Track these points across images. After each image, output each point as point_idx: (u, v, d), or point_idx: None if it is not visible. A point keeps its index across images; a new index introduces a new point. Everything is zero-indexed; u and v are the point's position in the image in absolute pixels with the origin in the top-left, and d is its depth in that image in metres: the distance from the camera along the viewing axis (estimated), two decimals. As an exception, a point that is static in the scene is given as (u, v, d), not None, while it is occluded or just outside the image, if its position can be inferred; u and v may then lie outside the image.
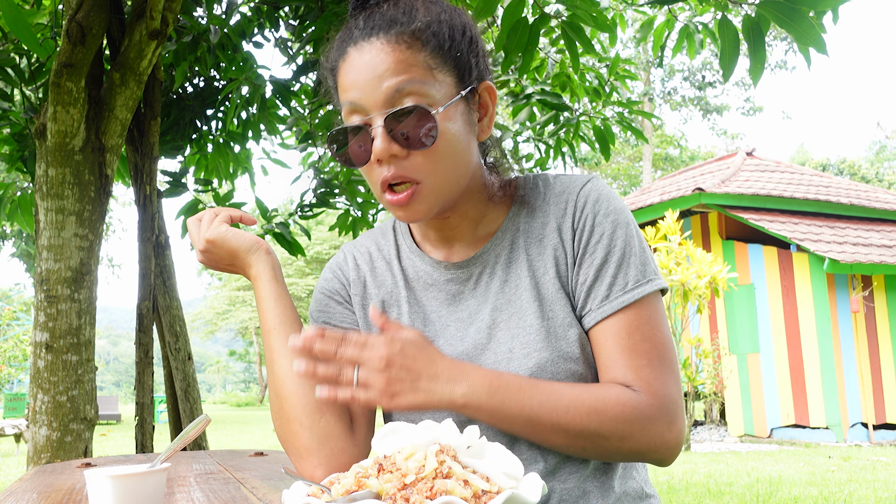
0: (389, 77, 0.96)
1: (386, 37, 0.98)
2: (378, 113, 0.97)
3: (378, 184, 1.01)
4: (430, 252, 1.14)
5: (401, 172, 0.98)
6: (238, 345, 47.96)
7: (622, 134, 4.35)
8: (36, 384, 2.77)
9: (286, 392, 1.05)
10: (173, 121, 4.34)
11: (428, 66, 0.98)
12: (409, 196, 0.99)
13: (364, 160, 1.01)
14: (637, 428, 0.95)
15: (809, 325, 10.23)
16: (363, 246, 1.21)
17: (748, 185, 11.43)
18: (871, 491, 5.65)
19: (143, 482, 0.89)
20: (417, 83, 0.97)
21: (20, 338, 19.54)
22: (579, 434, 0.95)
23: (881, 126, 41.03)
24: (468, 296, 1.09)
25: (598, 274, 1.02)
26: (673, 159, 33.30)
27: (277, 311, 1.08)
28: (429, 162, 0.98)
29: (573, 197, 1.06)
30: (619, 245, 1.02)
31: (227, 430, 16.15)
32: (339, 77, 1.03)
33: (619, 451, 0.97)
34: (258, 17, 4.07)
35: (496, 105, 1.08)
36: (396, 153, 0.97)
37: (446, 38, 1.01)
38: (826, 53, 2.15)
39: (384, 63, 0.97)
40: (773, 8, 2.16)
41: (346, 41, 1.02)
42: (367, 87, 0.97)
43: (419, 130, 0.96)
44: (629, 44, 24.27)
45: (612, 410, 0.95)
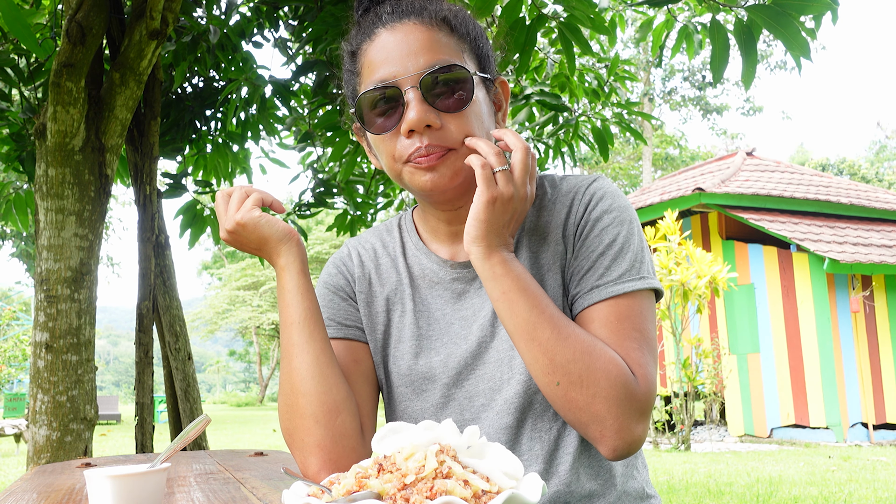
0: (425, 53, 0.99)
1: (419, 18, 1.02)
2: (412, 80, 0.98)
3: (403, 157, 1.01)
4: (437, 250, 1.15)
5: (434, 142, 0.99)
6: (238, 345, 47.97)
7: (622, 134, 4.35)
8: (36, 384, 2.77)
9: (305, 388, 1.02)
10: (173, 121, 4.34)
11: (458, 48, 1.03)
12: (439, 156, 1.00)
13: (390, 129, 1.01)
14: (615, 394, 0.92)
15: (809, 325, 10.23)
16: (368, 242, 1.22)
17: (748, 185, 11.43)
18: (871, 491, 5.65)
19: (143, 482, 0.89)
20: (451, 60, 1.00)
21: (20, 338, 19.53)
22: (562, 366, 0.92)
23: (881, 126, 41.04)
24: (473, 294, 1.10)
25: (593, 264, 1.02)
26: (673, 159, 33.30)
27: (304, 306, 1.05)
28: (462, 129, 1.00)
29: (579, 195, 1.07)
30: (619, 240, 1.03)
31: (227, 430, 16.15)
32: (367, 56, 1.04)
33: (583, 408, 0.93)
34: (257, 18, 4.07)
35: (508, 103, 1.12)
36: (432, 121, 0.98)
37: (471, 28, 1.06)
38: (810, 59, 2.17)
39: (419, 40, 1.00)
40: (763, 13, 2.17)
41: (373, 24, 1.04)
42: (402, 60, 0.99)
43: (455, 92, 0.99)
44: (629, 44, 24.27)
45: (603, 363, 0.93)
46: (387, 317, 1.15)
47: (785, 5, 2.15)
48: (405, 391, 1.11)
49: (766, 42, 25.99)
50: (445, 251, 1.14)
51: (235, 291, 34.92)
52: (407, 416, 1.10)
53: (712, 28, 2.35)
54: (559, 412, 0.97)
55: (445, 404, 1.08)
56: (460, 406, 1.07)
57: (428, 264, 1.14)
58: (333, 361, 1.04)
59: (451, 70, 0.99)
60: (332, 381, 1.03)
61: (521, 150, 0.96)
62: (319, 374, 1.02)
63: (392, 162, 1.03)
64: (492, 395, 1.05)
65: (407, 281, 1.15)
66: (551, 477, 1.04)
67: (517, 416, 1.04)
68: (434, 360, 1.09)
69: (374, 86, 1.00)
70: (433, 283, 1.13)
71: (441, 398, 1.08)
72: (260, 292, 34.23)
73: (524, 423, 1.05)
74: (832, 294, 10.15)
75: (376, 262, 1.19)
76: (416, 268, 1.15)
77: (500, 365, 1.05)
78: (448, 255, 1.14)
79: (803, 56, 2.18)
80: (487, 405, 1.06)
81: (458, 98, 0.99)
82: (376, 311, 1.16)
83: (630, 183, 33.43)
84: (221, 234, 1.08)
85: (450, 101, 0.99)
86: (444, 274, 1.12)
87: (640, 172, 32.30)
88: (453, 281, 1.11)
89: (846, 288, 10.30)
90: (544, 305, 0.95)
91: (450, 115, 0.99)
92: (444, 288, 1.12)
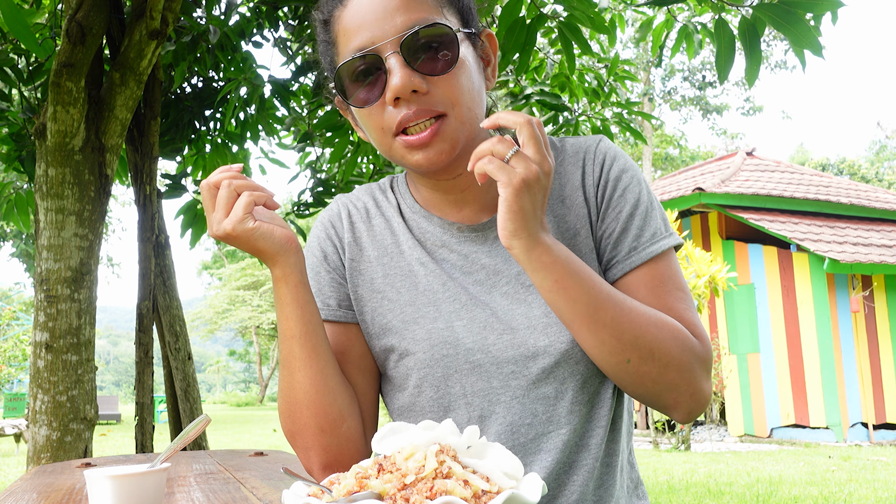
0: (402, 13, 0.92)
1: None
2: (392, 45, 0.91)
3: (392, 128, 0.94)
4: (440, 215, 1.07)
5: (423, 107, 0.92)
6: (238, 345, 47.96)
7: (622, 134, 4.34)
8: (36, 384, 2.77)
9: (308, 401, 0.98)
10: (172, 121, 4.34)
11: (437, 4, 0.95)
12: (432, 133, 0.93)
13: (375, 101, 0.94)
14: (686, 360, 0.93)
15: (809, 325, 10.23)
16: (359, 200, 1.13)
17: (748, 185, 11.44)
18: (871, 491, 5.65)
19: (143, 482, 0.89)
20: (430, 18, 0.93)
21: (20, 338, 19.53)
22: (631, 342, 0.91)
23: (881, 126, 41.03)
24: (485, 259, 1.03)
25: (626, 225, 1.00)
26: (673, 159, 33.30)
27: (305, 319, 0.97)
28: (451, 91, 0.93)
29: (591, 155, 1.04)
30: (643, 199, 1.02)
31: (227, 430, 16.15)
32: (340, 23, 0.97)
33: (656, 379, 0.93)
34: (257, 18, 4.07)
35: (497, 56, 1.05)
36: (418, 86, 0.91)
37: None
38: (822, 56, 2.15)
39: (393, 1, 0.92)
40: (769, 10, 2.17)
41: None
42: (379, 24, 0.92)
43: (440, 53, 0.92)
44: (629, 44, 24.28)
45: (669, 332, 0.93)
46: (385, 282, 1.06)
47: (791, 3, 2.14)
48: (423, 357, 1.02)
49: (766, 42, 25.98)
50: (450, 215, 1.06)
51: (235, 291, 34.92)
52: (427, 385, 1.02)
53: (717, 27, 2.35)
54: (627, 388, 0.95)
55: (471, 370, 1.00)
56: (488, 374, 0.99)
57: (429, 227, 1.06)
58: (337, 371, 1.00)
59: (434, 28, 0.91)
60: (336, 392, 0.99)
61: (524, 123, 0.86)
62: (324, 388, 0.98)
63: (381, 135, 0.96)
64: (525, 362, 0.98)
65: (409, 242, 1.07)
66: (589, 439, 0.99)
67: (556, 385, 0.98)
68: (456, 324, 1.00)
69: (351, 55, 0.94)
70: (437, 246, 1.05)
71: (466, 363, 1.00)
72: (260, 292, 34.23)
73: (564, 394, 0.98)
74: (832, 294, 10.15)
75: (368, 224, 1.10)
76: (417, 230, 1.07)
77: (535, 329, 0.98)
78: (454, 219, 1.06)
79: (814, 53, 2.16)
80: (518, 372, 0.98)
81: (444, 59, 0.92)
82: (372, 277, 1.07)
83: (630, 183, 33.40)
84: (209, 233, 0.96)
85: (435, 64, 0.92)
86: (449, 237, 1.05)
87: (640, 172, 32.27)
88: (461, 243, 1.04)
89: (846, 288, 10.30)
90: (599, 284, 0.91)
91: (436, 78, 0.92)
92: (451, 251, 1.04)
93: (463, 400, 1.00)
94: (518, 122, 0.87)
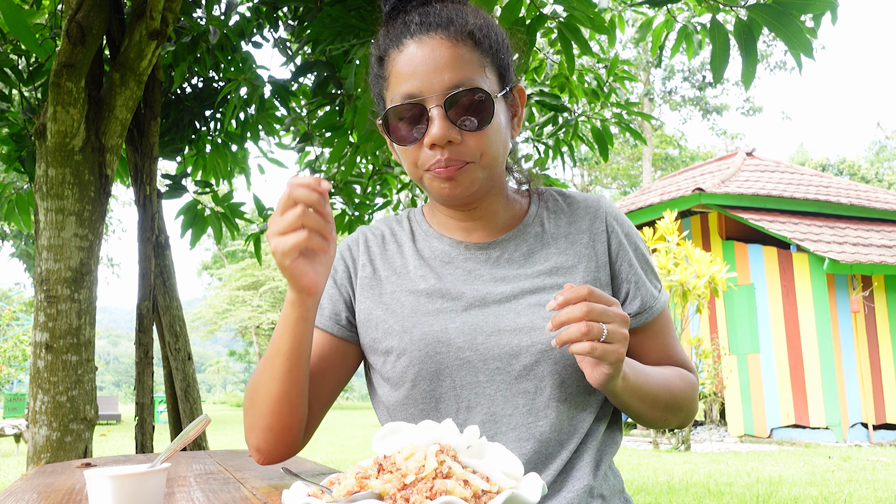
0: (450, 70, 1.05)
1: (445, 33, 1.07)
2: (437, 99, 1.05)
3: (423, 166, 1.08)
4: (450, 237, 1.21)
5: (454, 156, 1.06)
6: (238, 345, 47.94)
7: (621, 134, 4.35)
8: (36, 384, 2.77)
9: (269, 407, 1.09)
10: (172, 121, 4.34)
11: (481, 63, 1.08)
12: (457, 167, 1.07)
13: (414, 142, 1.08)
14: (695, 400, 1.20)
15: (809, 325, 10.23)
16: (378, 229, 1.27)
17: (748, 186, 11.43)
18: (871, 491, 5.65)
19: (143, 482, 0.89)
20: (474, 79, 1.06)
21: (20, 338, 19.53)
22: (671, 408, 1.14)
23: (881, 126, 41.01)
24: (485, 274, 1.15)
25: (640, 279, 1.18)
26: (673, 159, 33.30)
27: (297, 341, 1.05)
28: (481, 145, 1.07)
29: (601, 207, 1.21)
30: (647, 255, 1.22)
31: (227, 430, 16.15)
32: (394, 65, 1.09)
33: (686, 418, 1.19)
34: (257, 18, 4.07)
35: (524, 107, 1.19)
36: (453, 138, 1.05)
37: (494, 41, 1.11)
38: (812, 58, 2.16)
39: (444, 57, 1.05)
40: (764, 12, 2.17)
41: (402, 34, 1.09)
42: (428, 77, 1.05)
43: (476, 113, 1.06)
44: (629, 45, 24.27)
45: (692, 388, 1.18)
46: (392, 297, 1.17)
47: (786, 4, 2.15)
48: (419, 354, 1.11)
49: (766, 42, 25.98)
50: (459, 235, 1.20)
51: (235, 291, 34.91)
52: (421, 378, 1.11)
53: (712, 28, 2.35)
54: (644, 426, 1.16)
55: (461, 366, 1.10)
56: (475, 369, 1.10)
57: (439, 246, 1.20)
58: (303, 391, 1.09)
59: (474, 93, 1.05)
60: (295, 407, 1.09)
61: (618, 319, 0.95)
62: (287, 403, 1.08)
63: (414, 168, 1.10)
64: (508, 359, 1.09)
65: (415, 263, 1.19)
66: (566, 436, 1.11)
67: (535, 381, 1.09)
68: (450, 326, 1.11)
69: (400, 100, 1.07)
70: (444, 262, 1.18)
71: (456, 360, 1.10)
72: (260, 292, 34.23)
73: (543, 390, 1.09)
74: (832, 294, 10.15)
75: (383, 248, 1.23)
76: (427, 251, 1.20)
77: (518, 334, 1.09)
78: (461, 238, 1.20)
79: (805, 55, 2.18)
80: (503, 368, 1.09)
81: (479, 118, 1.06)
82: (381, 292, 1.19)
83: (630, 183, 33.43)
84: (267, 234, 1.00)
85: (471, 121, 1.06)
86: (457, 254, 1.18)
87: (639, 173, 32.31)
88: (466, 260, 1.17)
89: (846, 288, 10.30)
90: (654, 378, 1.11)
91: (469, 133, 1.06)
92: (456, 266, 1.17)
93: (452, 392, 1.10)
94: (613, 316, 0.94)
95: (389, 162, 4.54)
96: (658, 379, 1.12)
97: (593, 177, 33.64)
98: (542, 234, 1.17)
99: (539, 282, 1.12)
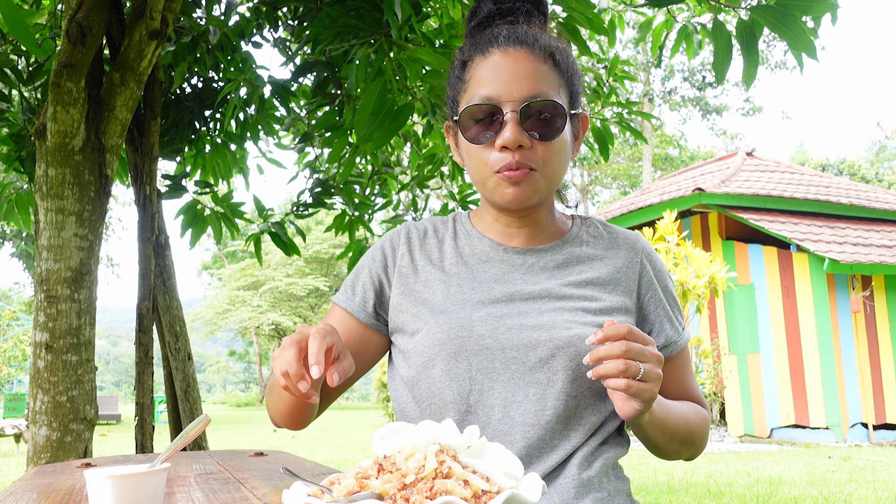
0: (529, 82, 1.12)
1: (530, 49, 1.14)
2: (514, 104, 1.11)
3: (493, 167, 1.13)
4: (492, 238, 1.26)
5: (524, 160, 1.12)
6: (238, 345, 47.95)
7: (621, 134, 4.35)
8: (36, 384, 2.77)
9: (284, 408, 1.20)
10: (172, 121, 4.34)
11: (557, 83, 1.15)
12: (523, 174, 1.12)
13: (486, 141, 1.13)
14: (707, 435, 1.25)
15: (809, 325, 10.23)
16: (422, 225, 1.32)
17: (748, 186, 11.43)
18: (871, 491, 5.65)
19: (143, 482, 0.89)
20: (550, 94, 1.13)
21: (20, 338, 19.52)
22: (686, 442, 1.19)
23: (881, 126, 40.99)
24: (518, 277, 1.20)
25: (669, 315, 1.24)
26: (673, 159, 33.29)
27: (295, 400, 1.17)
28: (547, 155, 1.13)
29: (638, 244, 1.27)
30: (674, 296, 1.28)
31: (227, 430, 16.15)
32: (477, 70, 1.16)
33: (697, 451, 1.24)
34: (257, 18, 4.07)
35: (585, 134, 1.26)
36: (524, 143, 1.11)
37: (570, 65, 1.19)
38: (816, 59, 2.16)
39: (526, 68, 1.13)
40: (766, 13, 2.17)
41: (490, 43, 1.16)
42: (508, 84, 1.12)
43: (548, 124, 1.12)
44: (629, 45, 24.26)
45: (705, 423, 1.24)
46: (425, 286, 1.23)
47: (788, 5, 2.15)
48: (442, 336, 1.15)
49: (766, 42, 25.96)
50: (500, 238, 1.25)
51: (235, 291, 34.90)
52: (440, 358, 1.13)
53: (714, 28, 2.35)
54: (658, 457, 1.22)
55: (479, 351, 1.13)
56: (492, 355, 1.13)
57: (479, 245, 1.25)
58: (315, 405, 1.19)
59: (549, 104, 1.11)
60: (308, 409, 1.19)
61: (654, 359, 0.99)
62: (299, 409, 1.18)
63: (482, 167, 1.15)
64: (525, 350, 1.12)
65: (452, 258, 1.24)
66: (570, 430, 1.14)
67: (549, 374, 1.12)
68: (474, 315, 1.15)
69: (479, 100, 1.13)
70: (482, 260, 1.23)
71: (476, 345, 1.13)
72: (260, 292, 34.21)
73: (555, 383, 1.12)
74: (832, 294, 10.15)
75: (423, 241, 1.28)
76: (467, 248, 1.25)
77: (538, 329, 1.12)
78: (502, 241, 1.24)
79: (808, 55, 2.18)
80: (518, 358, 1.12)
81: (551, 129, 1.12)
82: (415, 281, 1.24)
83: (630, 183, 33.42)
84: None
85: (543, 130, 1.12)
86: (494, 254, 1.23)
87: (639, 173, 32.30)
88: (502, 262, 1.22)
89: (846, 288, 10.30)
90: (676, 413, 1.16)
91: (539, 141, 1.12)
92: (492, 265, 1.22)
93: (468, 374, 1.13)
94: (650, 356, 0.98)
95: (389, 162, 4.54)
96: (678, 413, 1.16)
97: (593, 177, 33.64)
98: (579, 252, 1.23)
99: (568, 291, 1.17)
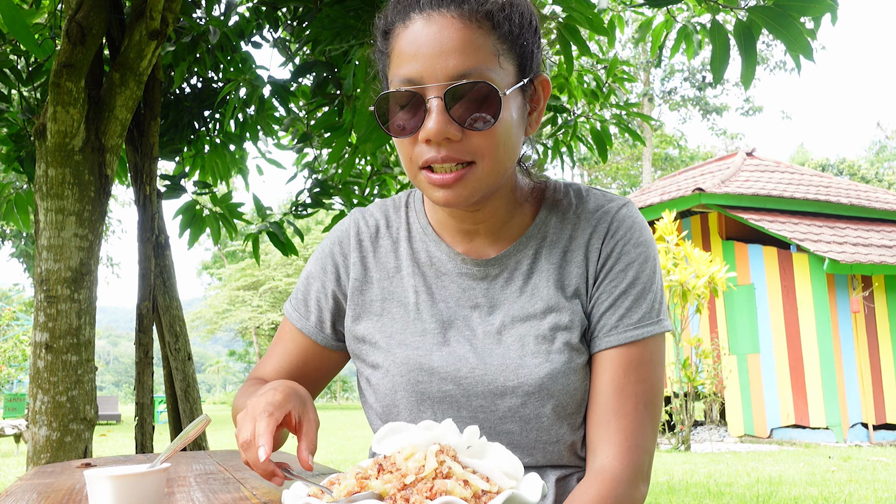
0: (456, 56, 0.91)
1: (458, 11, 0.92)
2: (437, 89, 0.91)
3: (417, 162, 0.95)
4: (449, 242, 1.09)
5: (453, 154, 0.93)
6: (238, 345, 47.92)
7: (620, 135, 4.36)
8: (36, 384, 2.77)
9: None
10: (171, 122, 4.34)
11: (495, 51, 0.93)
12: (456, 177, 0.94)
13: (409, 134, 0.95)
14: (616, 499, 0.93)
15: (809, 325, 10.23)
16: (372, 217, 1.15)
17: (748, 186, 11.43)
18: (871, 491, 5.65)
19: (143, 482, 0.89)
20: (483, 69, 0.91)
21: (20, 338, 19.52)
22: None
23: (881, 126, 41.01)
24: (479, 295, 1.06)
25: (615, 302, 1.01)
26: (672, 159, 33.30)
27: None
28: (484, 145, 0.93)
29: (607, 218, 1.05)
30: (642, 279, 1.02)
31: (227, 430, 16.15)
32: (398, 42, 0.95)
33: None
34: (256, 18, 4.07)
35: (546, 100, 1.04)
36: (451, 135, 0.92)
37: (516, 24, 0.96)
38: (812, 60, 2.17)
39: (453, 40, 0.91)
40: (764, 13, 2.18)
41: (411, 6, 0.94)
42: (431, 61, 0.91)
43: (481, 110, 0.92)
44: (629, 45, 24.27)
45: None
46: (382, 306, 1.09)
47: (786, 6, 2.16)
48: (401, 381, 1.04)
49: (766, 43, 25.96)
50: (458, 244, 1.08)
51: (235, 291, 34.91)
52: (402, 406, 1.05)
53: (712, 29, 2.36)
54: None
55: (443, 399, 1.02)
56: (458, 404, 1.02)
57: (436, 253, 1.09)
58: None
59: (480, 87, 0.91)
60: None
61: None
62: None
63: (409, 164, 0.98)
64: (493, 398, 1.01)
65: (409, 268, 1.09)
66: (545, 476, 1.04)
67: (520, 424, 1.01)
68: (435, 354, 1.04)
69: (397, 87, 0.94)
70: (439, 273, 1.08)
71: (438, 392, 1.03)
72: (260, 292, 34.22)
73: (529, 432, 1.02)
74: (832, 294, 10.15)
75: (375, 244, 1.13)
76: (423, 254, 1.10)
77: (507, 371, 1.00)
78: (461, 250, 1.08)
79: (805, 56, 2.19)
80: (487, 408, 1.01)
81: (484, 116, 0.92)
82: (371, 299, 1.11)
83: (630, 183, 33.43)
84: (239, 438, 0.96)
85: (474, 118, 0.92)
86: (453, 266, 1.07)
87: (639, 172, 32.30)
88: (461, 276, 1.07)
89: (846, 288, 10.30)
90: None
91: (472, 131, 0.93)
92: (451, 280, 1.07)
93: (434, 419, 1.02)
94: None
95: (388, 162, 4.54)
96: None
97: (593, 177, 33.64)
98: (540, 250, 1.05)
99: (533, 308, 1.02)
